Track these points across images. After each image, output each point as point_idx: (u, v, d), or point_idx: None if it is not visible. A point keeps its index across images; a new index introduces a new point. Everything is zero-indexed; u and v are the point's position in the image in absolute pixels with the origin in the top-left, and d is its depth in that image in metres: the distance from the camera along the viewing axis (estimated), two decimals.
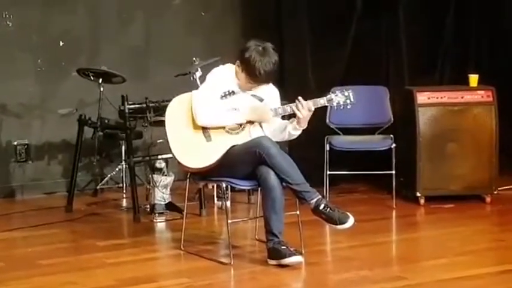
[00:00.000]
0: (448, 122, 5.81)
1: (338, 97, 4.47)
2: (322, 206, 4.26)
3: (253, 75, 4.39)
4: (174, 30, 6.60)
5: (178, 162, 4.43)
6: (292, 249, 4.34)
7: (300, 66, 6.46)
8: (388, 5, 6.62)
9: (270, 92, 4.56)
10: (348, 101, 4.47)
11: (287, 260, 4.27)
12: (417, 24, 6.68)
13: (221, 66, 4.59)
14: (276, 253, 4.31)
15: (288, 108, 4.43)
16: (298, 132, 4.49)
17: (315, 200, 4.27)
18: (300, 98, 4.40)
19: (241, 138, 4.41)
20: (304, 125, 4.43)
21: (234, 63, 4.51)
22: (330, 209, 4.27)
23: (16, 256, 4.72)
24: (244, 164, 4.34)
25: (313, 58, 6.45)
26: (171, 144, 4.42)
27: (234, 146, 4.37)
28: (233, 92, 4.46)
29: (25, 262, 4.54)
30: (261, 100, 4.49)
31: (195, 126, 4.41)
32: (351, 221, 4.27)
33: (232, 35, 6.69)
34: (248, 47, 4.41)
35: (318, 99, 4.44)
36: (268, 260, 4.36)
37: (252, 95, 4.49)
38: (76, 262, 4.54)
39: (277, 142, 4.42)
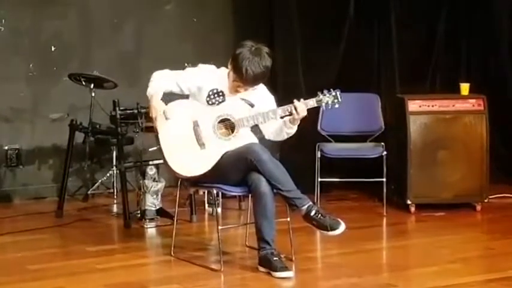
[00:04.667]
0: (439, 130, 5.83)
1: (326, 97, 4.46)
2: (313, 212, 4.25)
3: (239, 74, 4.31)
4: (166, 36, 6.60)
5: (172, 170, 4.38)
6: (283, 258, 4.34)
7: (292, 72, 6.47)
8: (381, 13, 6.65)
9: (263, 98, 4.51)
10: (336, 101, 4.47)
11: (277, 274, 4.25)
12: (409, 32, 6.70)
13: (213, 66, 4.54)
14: (267, 263, 4.30)
15: (289, 108, 4.36)
16: (293, 130, 4.46)
17: (306, 206, 4.27)
18: (295, 100, 4.36)
19: (234, 144, 4.38)
20: (298, 123, 4.41)
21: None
22: (321, 215, 4.26)
23: (6, 261, 4.69)
24: (235, 170, 4.32)
25: (305, 64, 6.47)
26: (164, 151, 4.37)
27: (226, 152, 4.36)
28: (222, 93, 4.40)
29: (15, 267, 4.52)
30: (252, 106, 4.45)
31: (188, 135, 4.36)
32: (342, 227, 4.26)
33: (224, 40, 6.69)
34: (242, 44, 4.37)
35: (308, 100, 4.42)
36: (259, 266, 4.36)
37: (241, 99, 4.44)
38: (66, 267, 4.53)
39: (268, 149, 4.41)
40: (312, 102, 4.44)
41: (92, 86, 5.64)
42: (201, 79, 4.43)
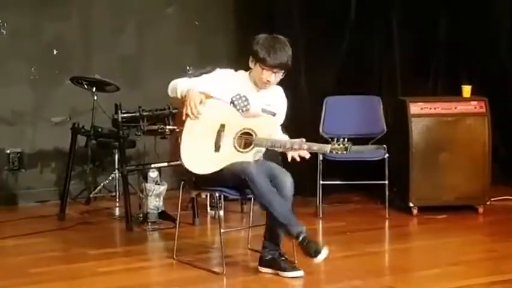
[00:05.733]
0: (441, 132, 5.82)
1: (336, 147, 4.28)
2: (300, 238, 4.19)
3: (264, 58, 4.27)
4: (168, 39, 6.61)
5: (181, 161, 4.31)
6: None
7: (293, 75, 6.45)
8: (382, 15, 6.64)
9: (281, 105, 4.49)
10: (345, 152, 4.31)
11: (288, 274, 4.32)
12: (410, 34, 6.70)
13: (231, 70, 4.48)
14: (275, 263, 4.35)
15: (304, 146, 4.27)
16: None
17: (295, 233, 4.21)
18: (306, 144, 4.29)
19: (246, 157, 4.32)
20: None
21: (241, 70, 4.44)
22: (308, 242, 4.20)
23: (8, 264, 4.69)
24: (232, 182, 4.33)
25: (307, 67, 6.46)
26: (182, 143, 4.28)
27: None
28: (245, 97, 4.37)
29: (17, 270, 4.52)
30: (274, 114, 4.43)
31: (210, 134, 4.32)
32: (324, 252, 4.18)
33: (225, 43, 6.71)
34: (257, 37, 4.37)
35: (321, 146, 4.32)
36: (262, 268, 4.38)
37: (263, 110, 4.40)
38: (68, 271, 4.53)
39: (269, 152, 4.42)
40: (315, 147, 4.34)
41: (94, 89, 5.64)
42: (223, 85, 4.37)
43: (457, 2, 6.72)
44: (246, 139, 4.34)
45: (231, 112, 4.35)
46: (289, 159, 4.30)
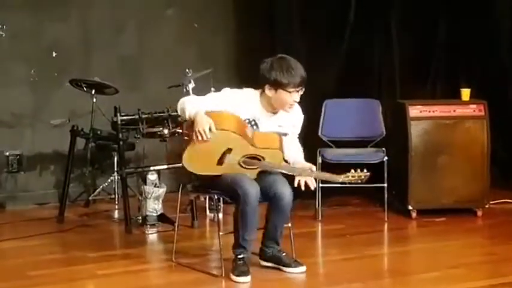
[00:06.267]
0: (440, 135, 5.83)
1: (349, 178, 4.34)
2: (240, 256, 4.34)
3: (289, 81, 4.25)
4: (167, 41, 6.61)
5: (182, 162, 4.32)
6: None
7: None
8: (381, 18, 6.64)
9: (298, 120, 4.49)
10: (359, 181, 4.36)
11: (291, 270, 4.42)
12: (409, 37, 6.70)
13: (244, 90, 4.41)
14: (277, 259, 4.46)
15: (311, 174, 4.33)
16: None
17: (241, 246, 4.33)
18: (312, 171, 4.34)
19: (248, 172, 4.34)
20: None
21: (245, 87, 4.42)
22: (243, 263, 4.34)
23: (6, 267, 4.69)
24: (227, 190, 4.35)
25: (306, 70, 6.44)
26: (186, 151, 4.28)
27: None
28: (254, 121, 4.34)
29: (15, 273, 4.52)
30: (285, 135, 4.42)
31: (216, 153, 4.29)
32: (244, 279, 4.30)
33: (225, 46, 6.71)
34: (264, 68, 4.30)
35: (330, 175, 4.37)
36: (264, 261, 4.49)
37: (276, 132, 4.38)
38: (67, 273, 4.53)
39: None
40: (329, 177, 4.39)
41: (93, 91, 5.64)
42: (232, 108, 4.31)
43: (457, 3, 6.72)
44: (251, 162, 4.31)
45: (240, 141, 4.27)
46: (296, 185, 4.31)
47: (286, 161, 4.43)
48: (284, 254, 4.48)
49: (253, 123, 4.36)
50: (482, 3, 6.72)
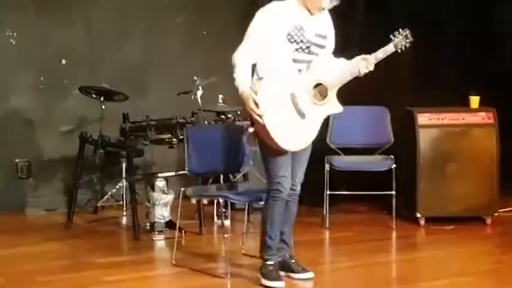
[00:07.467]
0: (448, 143, 5.82)
1: (399, 40, 4.43)
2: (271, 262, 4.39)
3: None
4: (175, 48, 6.64)
5: (281, 148, 4.28)
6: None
7: None
8: (387, 26, 6.63)
9: (330, 26, 4.47)
10: (408, 40, 4.45)
11: (298, 276, 4.46)
12: (418, 44, 6.68)
13: (277, 2, 4.32)
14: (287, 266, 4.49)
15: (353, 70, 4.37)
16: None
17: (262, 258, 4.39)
18: (365, 59, 4.37)
19: (327, 109, 4.38)
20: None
21: None
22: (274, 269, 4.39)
23: (15, 272, 4.70)
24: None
25: None
26: (271, 132, 4.22)
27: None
28: (300, 27, 4.26)
29: (24, 278, 4.53)
30: (325, 37, 4.40)
31: (290, 106, 4.29)
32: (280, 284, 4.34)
33: (232, 53, 6.71)
34: None
35: (382, 50, 4.42)
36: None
37: (316, 34, 4.33)
38: (75, 279, 4.54)
39: None
40: (390, 48, 4.43)
41: (102, 98, 5.66)
42: (277, 22, 4.25)
43: (465, 10, 6.72)
44: (320, 90, 4.34)
45: (289, 78, 4.28)
46: (362, 75, 4.37)
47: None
48: (294, 261, 4.49)
49: (299, 27, 4.28)
50: (489, 10, 6.71)
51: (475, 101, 5.96)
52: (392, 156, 5.86)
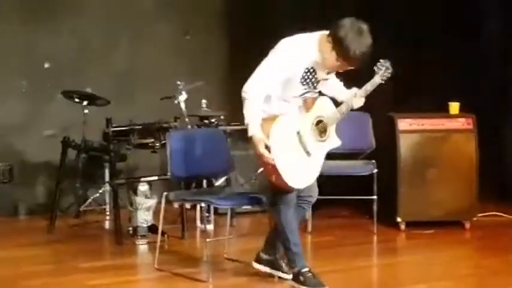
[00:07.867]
0: (429, 148, 5.88)
1: (382, 72, 4.49)
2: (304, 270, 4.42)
3: (346, 56, 4.17)
4: (159, 53, 6.65)
5: (289, 187, 4.31)
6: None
7: None
8: (371, 32, 6.68)
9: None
10: (389, 71, 4.51)
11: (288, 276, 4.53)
12: (399, 50, 6.75)
13: (297, 38, 4.29)
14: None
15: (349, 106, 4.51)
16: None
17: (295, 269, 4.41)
18: (358, 95, 4.51)
19: (329, 144, 4.48)
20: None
21: (306, 35, 4.32)
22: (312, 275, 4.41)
23: None
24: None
25: None
26: (281, 172, 4.22)
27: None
28: (312, 69, 4.28)
29: (6, 283, 4.53)
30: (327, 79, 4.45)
31: (297, 145, 4.34)
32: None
33: (216, 58, 6.75)
34: (343, 25, 4.17)
35: (369, 84, 4.50)
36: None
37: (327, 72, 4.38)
38: (57, 284, 4.54)
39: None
40: (378, 80, 4.50)
41: (85, 103, 5.67)
42: (295, 62, 4.24)
43: (448, 18, 6.78)
44: (320, 127, 4.42)
45: (294, 117, 4.33)
46: (357, 107, 4.53)
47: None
48: (284, 262, 4.52)
49: (311, 70, 4.30)
50: (473, 18, 6.78)
51: (455, 107, 6.03)
52: (373, 161, 5.91)
